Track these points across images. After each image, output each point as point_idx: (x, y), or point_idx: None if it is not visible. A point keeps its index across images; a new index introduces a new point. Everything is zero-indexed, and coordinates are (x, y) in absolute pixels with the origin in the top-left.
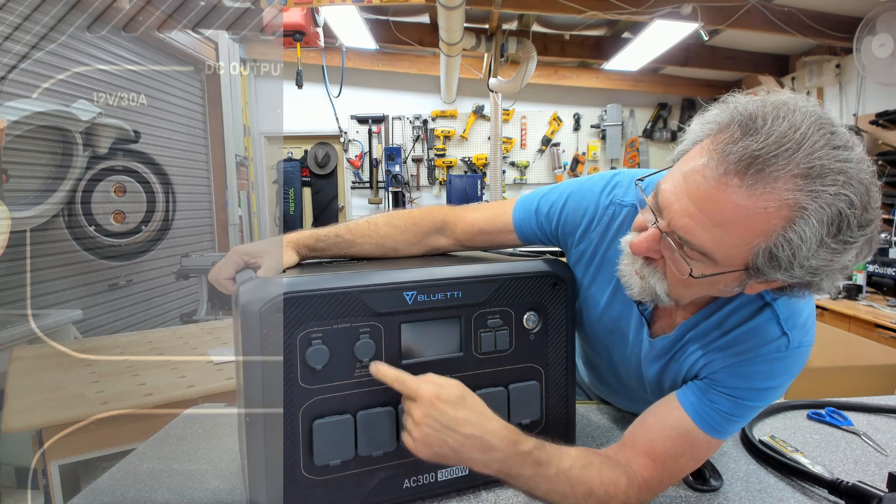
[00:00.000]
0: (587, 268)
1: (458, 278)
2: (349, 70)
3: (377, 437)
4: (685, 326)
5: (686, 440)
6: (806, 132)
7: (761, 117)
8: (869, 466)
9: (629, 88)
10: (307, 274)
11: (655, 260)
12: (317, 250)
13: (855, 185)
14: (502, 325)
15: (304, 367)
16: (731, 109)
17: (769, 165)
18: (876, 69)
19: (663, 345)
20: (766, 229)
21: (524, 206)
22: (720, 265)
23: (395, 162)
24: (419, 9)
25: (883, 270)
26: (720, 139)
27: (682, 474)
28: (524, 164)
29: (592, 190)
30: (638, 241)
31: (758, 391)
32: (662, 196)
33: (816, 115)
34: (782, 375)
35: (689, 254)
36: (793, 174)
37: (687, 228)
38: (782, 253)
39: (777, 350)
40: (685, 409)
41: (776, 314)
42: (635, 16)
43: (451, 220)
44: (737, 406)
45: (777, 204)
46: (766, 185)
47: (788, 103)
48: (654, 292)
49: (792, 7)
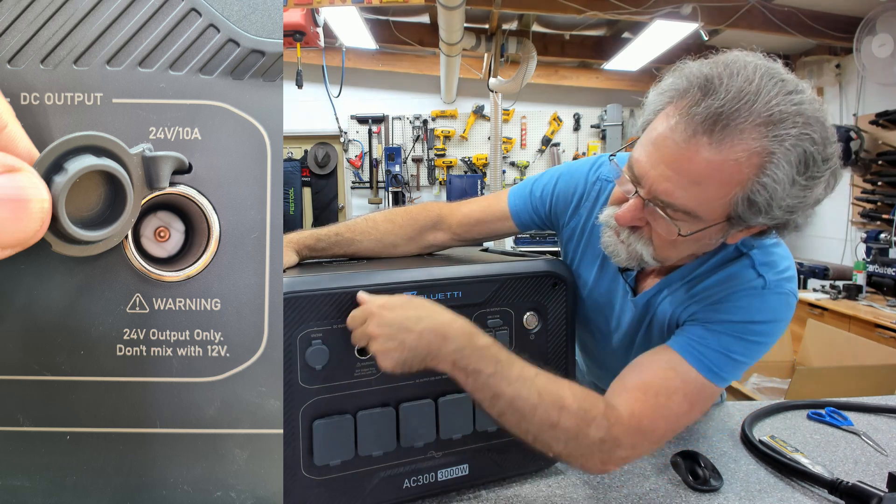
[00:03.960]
0: (577, 245)
1: (458, 278)
2: (349, 70)
3: (377, 437)
4: (664, 282)
5: (679, 375)
6: (760, 83)
7: (717, 77)
8: (869, 466)
9: (629, 88)
10: (307, 274)
11: (640, 227)
12: (317, 250)
13: (813, 125)
14: (502, 325)
15: (304, 367)
16: (687, 74)
17: (733, 119)
18: (876, 69)
19: (644, 300)
20: (741, 179)
21: (518, 192)
22: (704, 220)
23: (395, 162)
24: (419, 9)
25: (883, 270)
26: (682, 104)
27: (676, 419)
28: (524, 164)
29: (581, 170)
30: (622, 212)
31: (743, 325)
32: (638, 166)
33: (765, 67)
34: (765, 312)
35: (673, 215)
36: (756, 123)
37: (668, 192)
38: (759, 197)
39: (752, 288)
40: (674, 349)
41: (752, 260)
42: (635, 16)
43: (446, 215)
44: (724, 340)
45: (747, 153)
46: (734, 138)
47: (737, 60)
48: (640, 257)
49: (792, 7)
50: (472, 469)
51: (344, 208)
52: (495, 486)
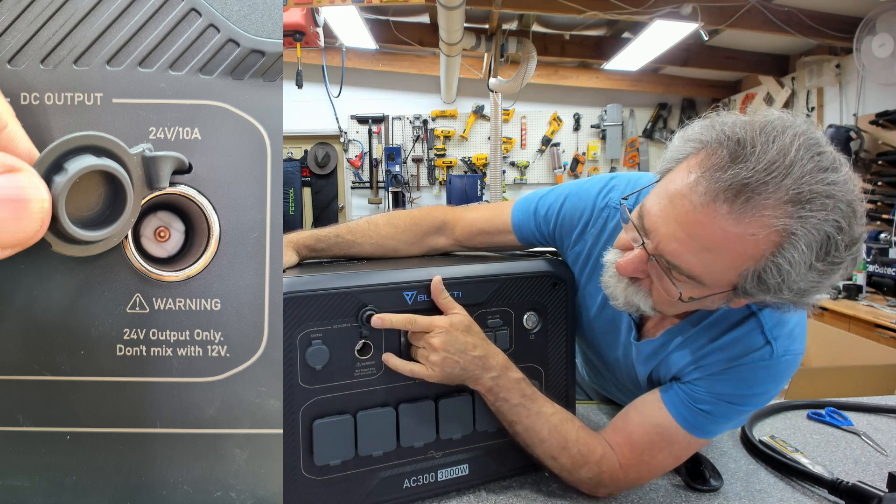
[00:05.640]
0: (583, 269)
1: (458, 278)
2: (349, 70)
3: (377, 437)
4: (670, 333)
5: (665, 437)
6: (794, 157)
7: (750, 142)
8: (869, 466)
9: (629, 88)
10: (307, 274)
11: (641, 279)
12: (317, 250)
13: (842, 208)
14: (502, 325)
15: (304, 367)
16: (718, 131)
17: (759, 193)
18: (876, 69)
19: (649, 349)
20: (755, 254)
21: (523, 207)
22: (708, 288)
23: (395, 162)
24: (419, 9)
25: (883, 270)
26: (707, 163)
27: (662, 470)
28: (524, 165)
29: (589, 192)
30: (625, 262)
31: (742, 397)
32: (649, 218)
33: (804, 137)
34: (767, 383)
35: (676, 277)
36: (782, 200)
37: (675, 253)
38: (771, 277)
39: (761, 359)
40: (667, 408)
41: (760, 323)
42: (635, 16)
43: (450, 221)
44: (720, 409)
45: (766, 230)
46: (756, 212)
47: (776, 124)
48: (638, 307)
49: (792, 7)
50: (472, 469)
51: (344, 208)
52: (495, 486)
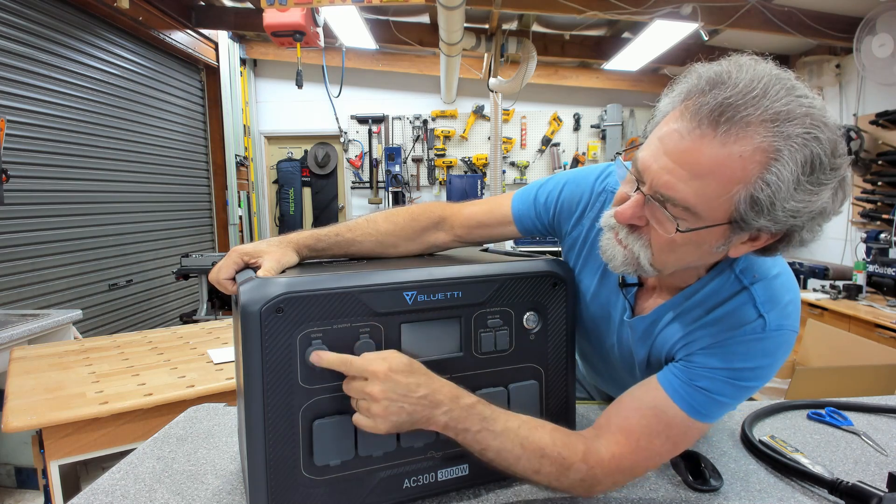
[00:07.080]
0: (579, 254)
1: (458, 278)
2: (349, 70)
3: (377, 437)
4: (663, 308)
5: (662, 420)
6: (768, 82)
7: (726, 72)
8: (869, 466)
9: (629, 88)
10: (307, 274)
11: (639, 228)
12: (317, 250)
13: (821, 128)
14: (502, 325)
15: (304, 367)
16: (696, 74)
17: (739, 111)
18: (876, 69)
19: (643, 326)
20: (745, 175)
21: (522, 197)
22: (704, 219)
23: (395, 162)
24: (419, 9)
25: (883, 270)
26: (690, 101)
27: (659, 457)
28: (524, 164)
29: (587, 178)
30: (623, 208)
31: (738, 371)
32: (642, 161)
33: (776, 72)
34: (761, 357)
35: (672, 210)
36: (762, 119)
37: (668, 185)
38: (762, 195)
39: (753, 331)
40: (664, 388)
41: (752, 297)
42: (635, 16)
43: (448, 216)
44: (716, 386)
45: (751, 148)
46: (739, 132)
47: (749, 61)
48: (637, 262)
49: (792, 7)
50: (472, 469)
51: (344, 208)
52: (495, 486)
